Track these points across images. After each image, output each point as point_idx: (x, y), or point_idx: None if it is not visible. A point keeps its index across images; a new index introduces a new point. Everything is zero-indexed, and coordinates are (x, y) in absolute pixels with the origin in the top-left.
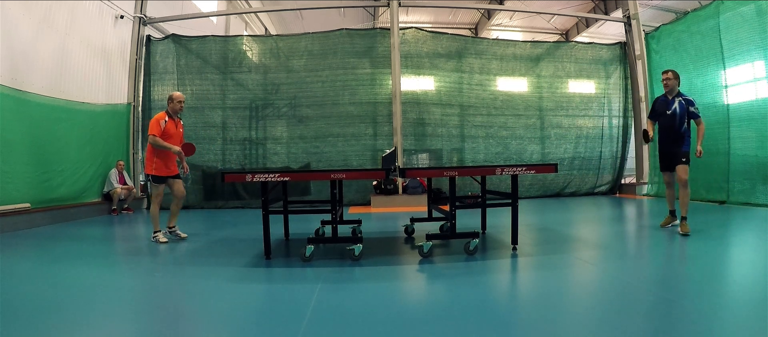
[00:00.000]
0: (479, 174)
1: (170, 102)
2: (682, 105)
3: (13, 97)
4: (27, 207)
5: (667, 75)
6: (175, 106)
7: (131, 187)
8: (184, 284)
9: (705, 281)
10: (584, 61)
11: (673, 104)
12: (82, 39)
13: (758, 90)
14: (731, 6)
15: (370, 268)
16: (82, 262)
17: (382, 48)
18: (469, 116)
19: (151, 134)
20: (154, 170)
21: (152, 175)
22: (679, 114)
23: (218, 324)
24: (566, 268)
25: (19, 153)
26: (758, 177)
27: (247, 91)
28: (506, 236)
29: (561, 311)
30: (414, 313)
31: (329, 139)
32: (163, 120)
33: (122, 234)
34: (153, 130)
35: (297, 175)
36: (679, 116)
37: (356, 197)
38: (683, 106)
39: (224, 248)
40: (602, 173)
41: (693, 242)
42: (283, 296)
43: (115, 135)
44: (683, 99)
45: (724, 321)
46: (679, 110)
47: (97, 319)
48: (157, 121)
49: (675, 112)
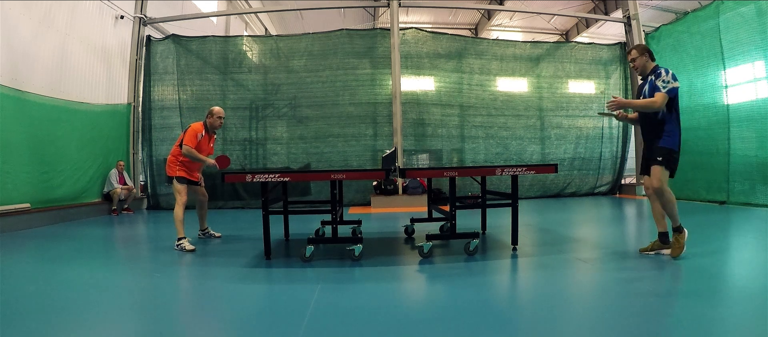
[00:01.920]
0: (479, 174)
1: (210, 116)
2: (651, 83)
3: (13, 97)
4: (27, 207)
5: (631, 54)
6: (214, 122)
7: (131, 187)
8: (184, 284)
9: (705, 281)
10: (584, 62)
11: (645, 85)
12: (82, 39)
13: (758, 90)
14: (731, 6)
15: (370, 268)
16: (82, 262)
17: (382, 48)
18: (469, 117)
19: (186, 145)
20: (177, 174)
21: (177, 176)
22: (648, 96)
23: (218, 324)
24: (566, 268)
25: (19, 153)
26: (758, 177)
27: (247, 92)
28: (506, 236)
29: (561, 312)
30: (414, 313)
31: (329, 139)
32: (201, 133)
33: (122, 234)
34: (190, 142)
35: (297, 175)
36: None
37: (356, 197)
38: (652, 85)
39: (224, 248)
40: (602, 174)
41: (693, 243)
42: (283, 296)
43: (116, 135)
44: (654, 74)
45: (724, 321)
46: (649, 91)
47: (97, 319)
48: (194, 133)
49: (645, 95)
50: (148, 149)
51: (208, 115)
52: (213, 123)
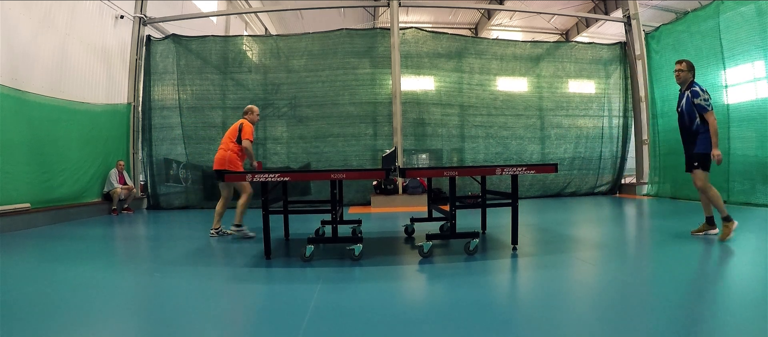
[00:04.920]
0: (479, 174)
1: (250, 113)
2: (688, 99)
3: (13, 97)
4: (27, 207)
5: (680, 66)
6: (253, 118)
7: (131, 187)
8: (184, 284)
9: (705, 281)
10: (584, 61)
11: (682, 99)
12: (82, 39)
13: (758, 90)
14: (731, 6)
15: (370, 268)
16: (82, 262)
17: (382, 48)
18: (469, 116)
19: (249, 139)
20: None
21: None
22: (686, 110)
23: (218, 324)
24: (566, 268)
25: (19, 153)
26: (758, 177)
27: (247, 91)
28: (506, 236)
29: (561, 312)
30: (414, 313)
31: (329, 139)
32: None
33: (122, 234)
34: (251, 136)
35: (297, 175)
36: (686, 113)
37: (356, 197)
38: (689, 101)
39: (224, 248)
40: (602, 173)
41: (693, 243)
42: (283, 296)
43: (116, 135)
44: (690, 91)
45: (724, 321)
46: (686, 106)
47: (97, 319)
48: (252, 130)
49: (682, 109)
50: (148, 149)
51: (249, 112)
52: (253, 119)
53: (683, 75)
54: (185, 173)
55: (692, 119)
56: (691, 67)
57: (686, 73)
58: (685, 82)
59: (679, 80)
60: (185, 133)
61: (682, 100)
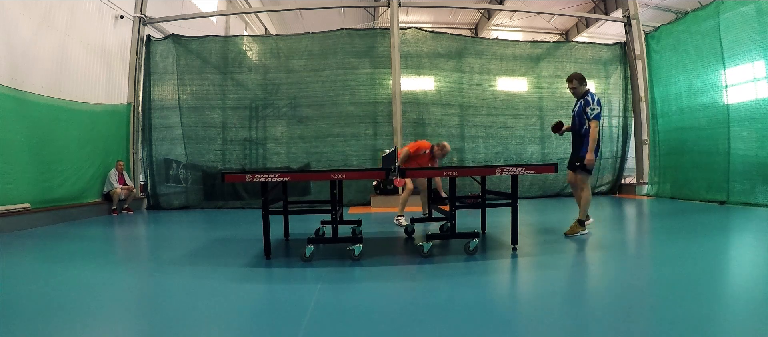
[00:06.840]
0: (479, 174)
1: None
2: (579, 106)
3: (13, 97)
4: (27, 207)
5: (571, 84)
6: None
7: (131, 187)
8: (184, 284)
9: (705, 281)
10: (584, 61)
11: (576, 106)
12: (82, 39)
13: (758, 90)
14: (731, 6)
15: (370, 268)
16: (82, 262)
17: (382, 48)
18: (469, 116)
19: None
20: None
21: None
22: (576, 115)
23: (218, 324)
24: (566, 268)
25: (19, 153)
26: (758, 177)
27: (247, 91)
28: (506, 236)
29: (561, 312)
30: (414, 313)
31: (329, 139)
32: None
33: (122, 234)
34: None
35: (297, 175)
36: (577, 117)
37: (356, 197)
38: (581, 108)
39: (224, 248)
40: (602, 173)
41: (693, 243)
42: (283, 296)
43: (115, 135)
44: (583, 100)
45: (724, 321)
46: (577, 112)
47: (96, 319)
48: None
49: (575, 114)
50: (148, 149)
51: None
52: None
53: (577, 91)
54: (185, 173)
55: (582, 124)
56: (581, 80)
57: (578, 88)
58: (580, 94)
59: (576, 95)
60: (185, 133)
61: (576, 106)
